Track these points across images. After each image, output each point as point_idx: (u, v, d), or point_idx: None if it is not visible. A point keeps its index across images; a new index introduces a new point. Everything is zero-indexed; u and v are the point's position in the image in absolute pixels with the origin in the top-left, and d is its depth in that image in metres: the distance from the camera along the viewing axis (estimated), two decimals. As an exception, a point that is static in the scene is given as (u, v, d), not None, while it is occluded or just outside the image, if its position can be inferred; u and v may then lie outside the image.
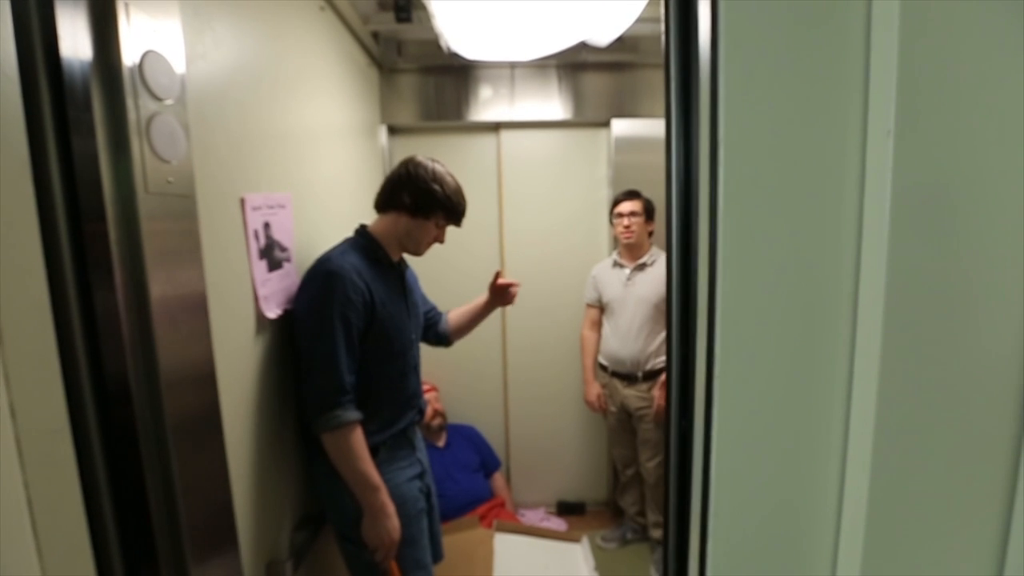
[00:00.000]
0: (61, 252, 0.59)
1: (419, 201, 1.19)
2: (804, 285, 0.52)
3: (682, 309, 0.63)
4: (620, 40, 1.81)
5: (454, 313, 1.50)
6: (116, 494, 0.65)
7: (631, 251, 2.05)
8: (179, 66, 0.74)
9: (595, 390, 2.15)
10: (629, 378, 2.02)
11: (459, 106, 2.23)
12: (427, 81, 2.21)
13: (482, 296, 1.48)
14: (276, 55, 1.15)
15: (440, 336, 1.47)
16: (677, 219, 0.63)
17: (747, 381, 0.53)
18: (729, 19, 0.49)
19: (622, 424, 2.12)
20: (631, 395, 2.02)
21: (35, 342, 0.56)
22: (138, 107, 0.67)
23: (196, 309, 0.78)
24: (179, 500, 0.71)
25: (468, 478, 2.24)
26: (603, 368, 2.14)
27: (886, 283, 0.47)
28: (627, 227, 1.98)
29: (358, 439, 1.08)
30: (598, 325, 2.19)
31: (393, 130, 2.26)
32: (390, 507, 1.11)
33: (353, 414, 1.08)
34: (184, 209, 0.76)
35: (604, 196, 2.35)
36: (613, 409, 2.12)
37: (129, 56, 0.65)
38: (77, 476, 0.60)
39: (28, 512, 0.52)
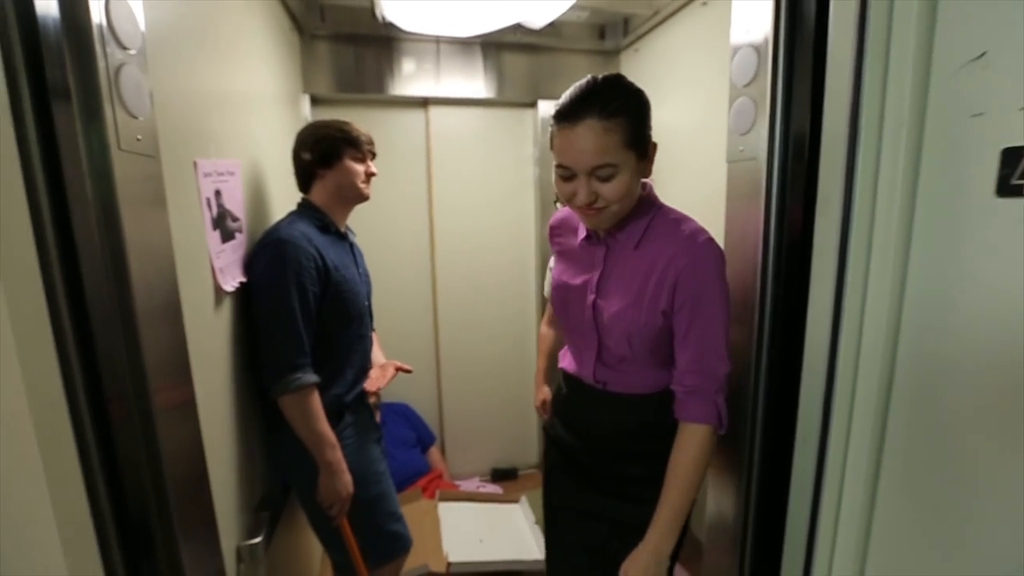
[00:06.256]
0: (43, 218, 0.54)
1: (322, 150, 1.20)
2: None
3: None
4: (548, 24, 1.89)
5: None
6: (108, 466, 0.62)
7: None
8: (139, 10, 0.68)
9: (541, 395, 1.78)
10: None
11: (381, 79, 2.17)
12: (346, 50, 2.11)
13: (379, 361, 1.44)
14: (208, 9, 1.06)
15: None
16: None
17: None
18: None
19: None
20: None
21: (28, 310, 0.51)
22: (107, 56, 0.62)
23: (167, 278, 0.74)
24: (166, 474, 0.69)
25: (406, 453, 2.27)
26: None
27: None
28: None
29: (316, 401, 1.12)
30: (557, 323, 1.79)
31: (316, 100, 2.15)
32: (344, 464, 1.17)
33: (312, 377, 1.12)
34: (152, 171, 0.72)
35: (531, 175, 2.44)
36: None
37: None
38: (75, 447, 0.56)
39: (45, 480, 0.49)
